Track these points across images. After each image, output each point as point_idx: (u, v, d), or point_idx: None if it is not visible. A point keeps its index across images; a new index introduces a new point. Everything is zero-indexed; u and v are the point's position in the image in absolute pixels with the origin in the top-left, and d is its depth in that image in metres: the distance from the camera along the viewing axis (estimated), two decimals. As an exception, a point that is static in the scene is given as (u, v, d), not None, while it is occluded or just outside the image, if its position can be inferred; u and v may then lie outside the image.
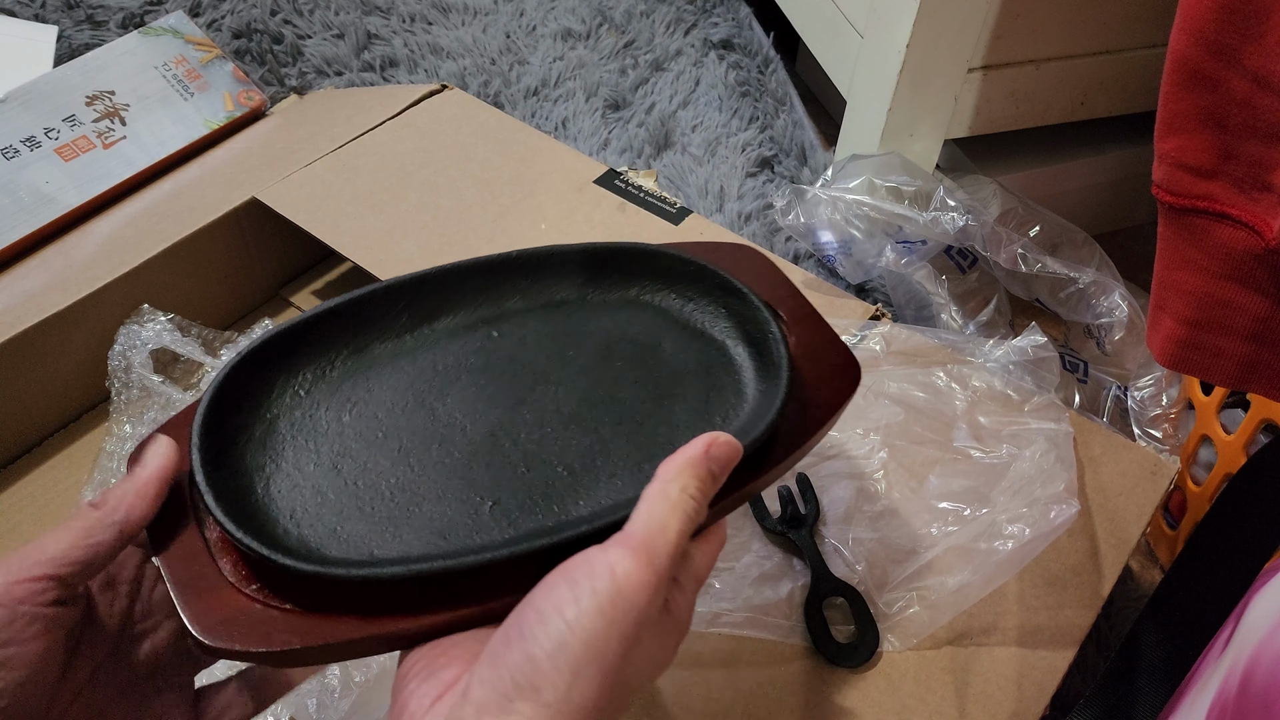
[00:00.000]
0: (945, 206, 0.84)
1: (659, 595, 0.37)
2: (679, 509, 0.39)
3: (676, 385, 0.49)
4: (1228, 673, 0.43)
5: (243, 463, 0.44)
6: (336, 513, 0.43)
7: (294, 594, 0.40)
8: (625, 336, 0.51)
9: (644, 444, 0.47)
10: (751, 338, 0.51)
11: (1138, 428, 0.81)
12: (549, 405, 0.48)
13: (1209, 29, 0.45)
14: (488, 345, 0.51)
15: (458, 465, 0.45)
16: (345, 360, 0.49)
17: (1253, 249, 0.47)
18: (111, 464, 0.68)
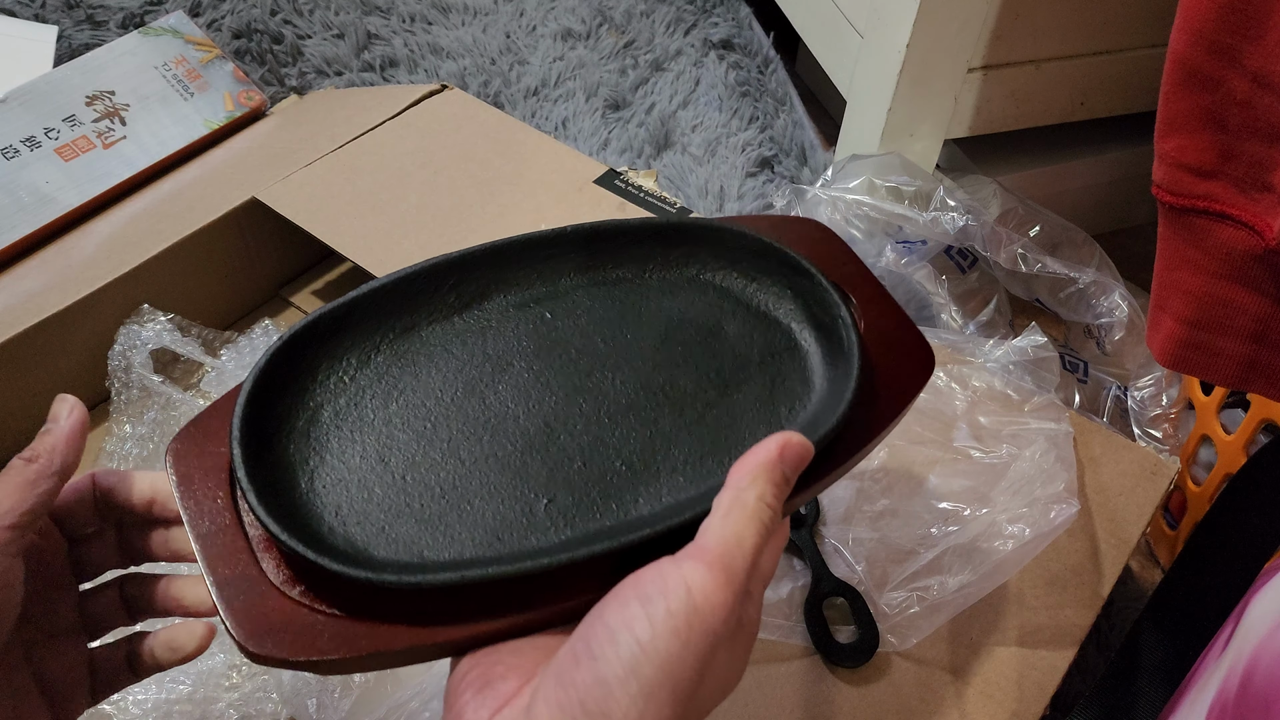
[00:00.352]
0: (945, 206, 0.84)
1: (735, 613, 0.35)
2: (756, 519, 0.37)
3: (740, 372, 0.47)
4: (1228, 673, 0.43)
5: (285, 456, 0.42)
6: (385, 510, 0.41)
7: (340, 598, 0.39)
8: (686, 318, 0.49)
9: (706, 437, 0.44)
10: (819, 321, 0.48)
11: (1138, 428, 0.81)
12: (606, 394, 0.46)
13: (1209, 29, 0.45)
14: (541, 328, 0.48)
15: (511, 459, 0.43)
16: (391, 344, 0.47)
17: (1253, 249, 0.47)
18: (111, 464, 0.68)
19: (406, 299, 0.48)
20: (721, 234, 0.50)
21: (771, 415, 0.45)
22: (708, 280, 0.50)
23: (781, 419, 0.45)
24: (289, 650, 0.37)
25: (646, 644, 0.34)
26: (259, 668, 0.59)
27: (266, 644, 0.37)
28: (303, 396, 0.44)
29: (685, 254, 0.51)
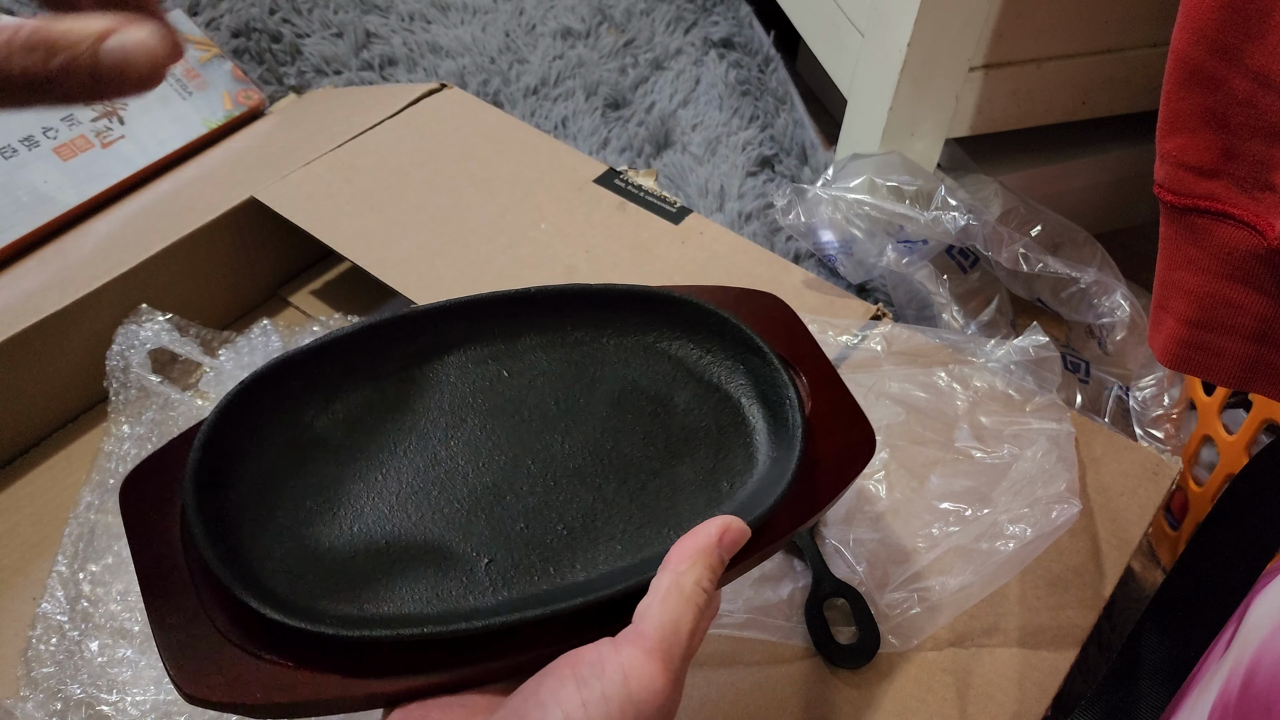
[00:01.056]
0: (946, 206, 0.84)
1: (671, 700, 0.36)
2: (692, 603, 0.37)
3: (686, 444, 0.48)
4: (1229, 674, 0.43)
5: (237, 498, 0.43)
6: (330, 561, 0.42)
7: (278, 645, 0.39)
8: (638, 385, 0.50)
9: (647, 506, 0.46)
10: (768, 399, 0.49)
11: (1139, 428, 0.81)
12: (555, 456, 0.47)
13: (1211, 28, 0.45)
14: (497, 385, 0.49)
15: (456, 516, 0.44)
16: (351, 394, 0.48)
17: (1255, 249, 0.47)
18: (110, 464, 0.68)
19: (373, 349, 0.48)
20: (680, 305, 0.51)
21: (713, 490, 0.46)
22: (663, 349, 0.51)
23: (722, 494, 0.46)
24: (223, 694, 0.38)
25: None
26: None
27: (201, 687, 0.38)
28: (261, 440, 0.45)
29: (643, 321, 0.52)
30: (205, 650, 0.39)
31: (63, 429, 0.74)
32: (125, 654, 0.59)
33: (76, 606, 0.61)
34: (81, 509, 0.66)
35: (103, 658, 0.59)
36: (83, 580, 0.63)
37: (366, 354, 0.48)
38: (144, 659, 0.59)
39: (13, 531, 0.67)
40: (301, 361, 0.46)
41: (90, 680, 0.58)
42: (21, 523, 0.67)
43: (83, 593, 0.62)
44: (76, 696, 0.57)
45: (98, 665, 0.59)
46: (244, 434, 0.44)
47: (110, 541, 0.64)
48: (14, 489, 0.70)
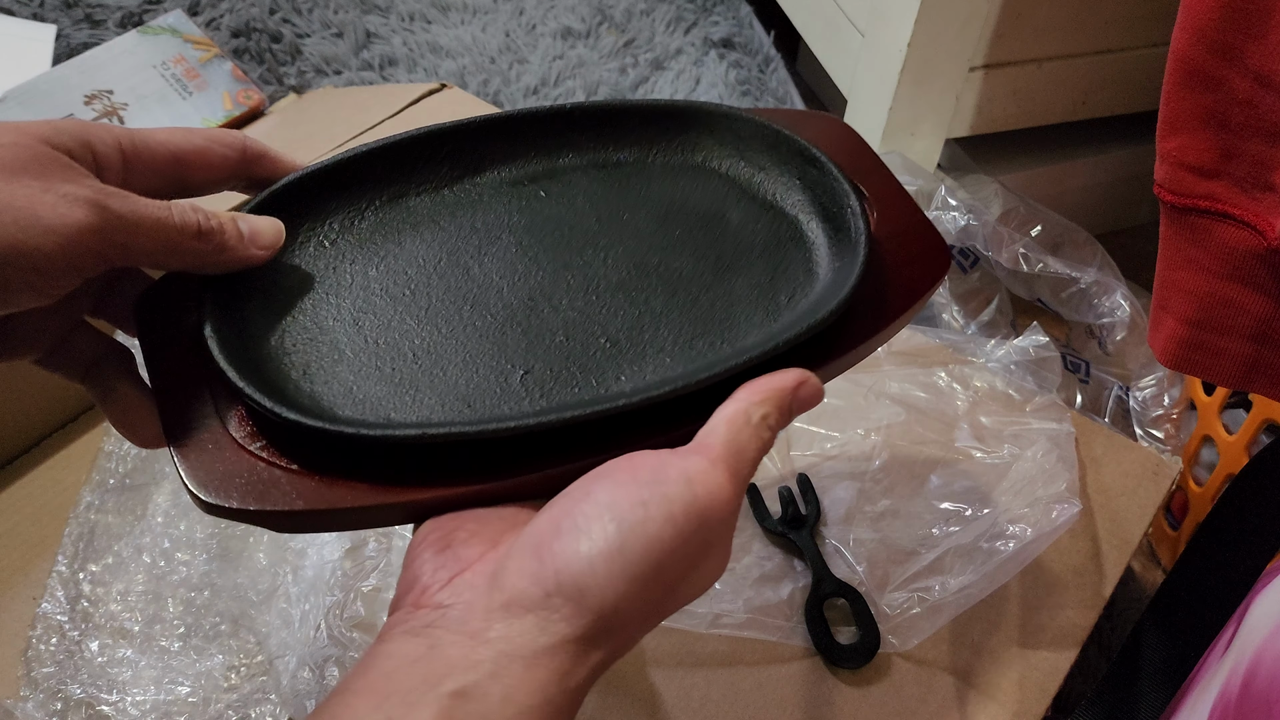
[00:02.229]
0: (947, 206, 0.84)
1: (735, 513, 0.35)
2: (758, 437, 0.36)
3: (740, 258, 0.44)
4: (1229, 674, 0.43)
5: (257, 311, 0.41)
6: (354, 371, 0.40)
7: (302, 455, 0.37)
8: (687, 204, 0.47)
9: (699, 319, 0.42)
10: (828, 212, 0.45)
11: (1140, 428, 0.81)
12: (596, 271, 0.44)
13: (1211, 28, 0.45)
14: (534, 204, 0.46)
15: (490, 329, 0.42)
16: (378, 210, 0.45)
17: (1255, 249, 0.47)
18: (110, 464, 0.68)
19: (398, 165, 0.46)
20: (732, 121, 0.48)
21: (770, 302, 0.43)
22: (714, 168, 0.48)
23: (780, 306, 0.43)
24: (242, 499, 0.36)
25: (638, 525, 0.32)
26: (258, 670, 0.59)
27: (219, 493, 0.36)
28: (281, 254, 0.42)
29: (692, 140, 0.49)
30: (224, 460, 0.37)
31: (63, 429, 0.74)
32: (125, 654, 0.59)
33: (77, 606, 0.61)
34: (82, 509, 0.66)
35: (103, 658, 0.59)
36: (83, 580, 0.63)
37: (392, 171, 0.46)
38: (144, 659, 0.59)
39: (13, 531, 0.67)
40: (325, 176, 0.45)
41: (90, 680, 0.58)
42: (22, 522, 0.67)
43: (83, 593, 0.62)
44: (76, 696, 0.57)
45: (98, 665, 0.59)
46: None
47: (110, 542, 0.64)
48: (14, 489, 0.70)
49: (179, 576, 0.63)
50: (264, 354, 0.40)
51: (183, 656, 0.59)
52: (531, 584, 0.32)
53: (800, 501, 0.65)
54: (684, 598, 0.35)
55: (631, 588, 0.32)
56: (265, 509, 0.36)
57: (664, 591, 0.33)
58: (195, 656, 0.59)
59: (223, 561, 0.63)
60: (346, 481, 0.37)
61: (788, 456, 0.69)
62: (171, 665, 0.59)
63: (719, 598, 0.60)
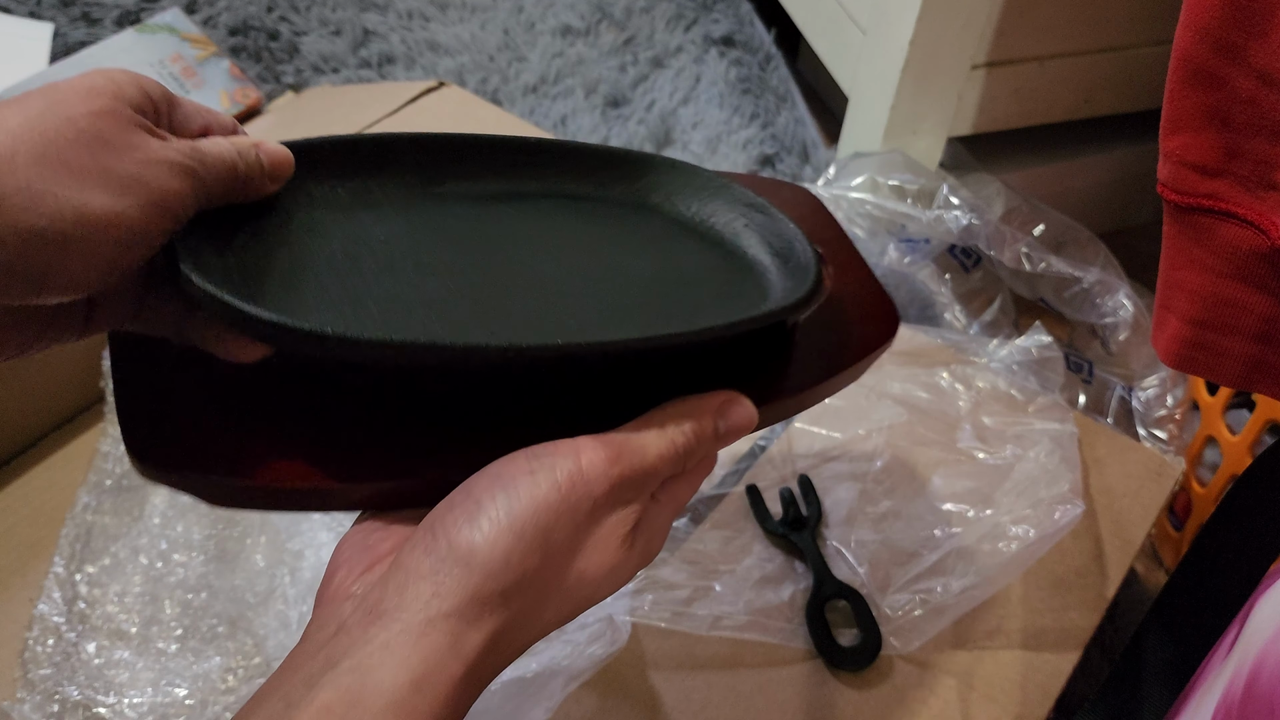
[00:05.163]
0: (949, 205, 0.84)
1: (620, 493, 0.36)
2: (666, 438, 0.38)
3: (699, 277, 0.47)
4: (1233, 675, 0.43)
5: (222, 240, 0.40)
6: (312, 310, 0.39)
7: (243, 429, 0.38)
8: (644, 234, 0.49)
9: (666, 312, 0.44)
10: (776, 250, 0.48)
11: (1143, 428, 0.80)
12: (564, 272, 0.45)
13: (1214, 26, 0.45)
14: (497, 217, 0.48)
15: (455, 299, 0.42)
16: (341, 196, 0.46)
17: (1258, 248, 0.46)
18: (107, 465, 0.68)
19: (365, 162, 0.47)
20: (685, 171, 0.51)
21: (730, 308, 0.44)
22: (667, 210, 0.51)
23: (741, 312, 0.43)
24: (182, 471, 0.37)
25: (525, 490, 0.34)
26: (255, 672, 0.58)
27: (161, 460, 0.37)
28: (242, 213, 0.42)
29: (649, 183, 0.51)
30: (172, 427, 0.38)
31: (59, 429, 0.74)
32: (122, 655, 0.59)
33: (73, 608, 0.61)
34: (79, 510, 0.66)
35: (100, 659, 0.59)
36: (80, 582, 0.62)
37: (359, 166, 0.47)
38: (141, 661, 0.59)
39: (10, 532, 0.67)
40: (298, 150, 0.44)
41: (87, 682, 0.58)
42: (18, 524, 0.67)
43: (80, 594, 0.62)
44: (74, 698, 0.57)
45: (95, 667, 0.58)
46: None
47: (107, 543, 0.64)
48: (11, 490, 0.69)
49: (176, 578, 0.62)
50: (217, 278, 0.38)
51: (180, 658, 0.59)
52: (425, 554, 0.33)
53: (801, 503, 0.65)
54: (584, 578, 0.36)
55: (519, 547, 0.33)
56: (204, 478, 0.37)
57: (557, 558, 0.35)
58: (192, 658, 0.59)
59: (220, 563, 0.63)
60: (286, 463, 0.38)
61: (789, 457, 0.68)
62: (169, 667, 0.59)
63: (719, 599, 0.60)
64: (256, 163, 0.40)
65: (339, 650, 0.32)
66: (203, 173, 0.37)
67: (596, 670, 0.56)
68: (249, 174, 0.40)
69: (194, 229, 0.39)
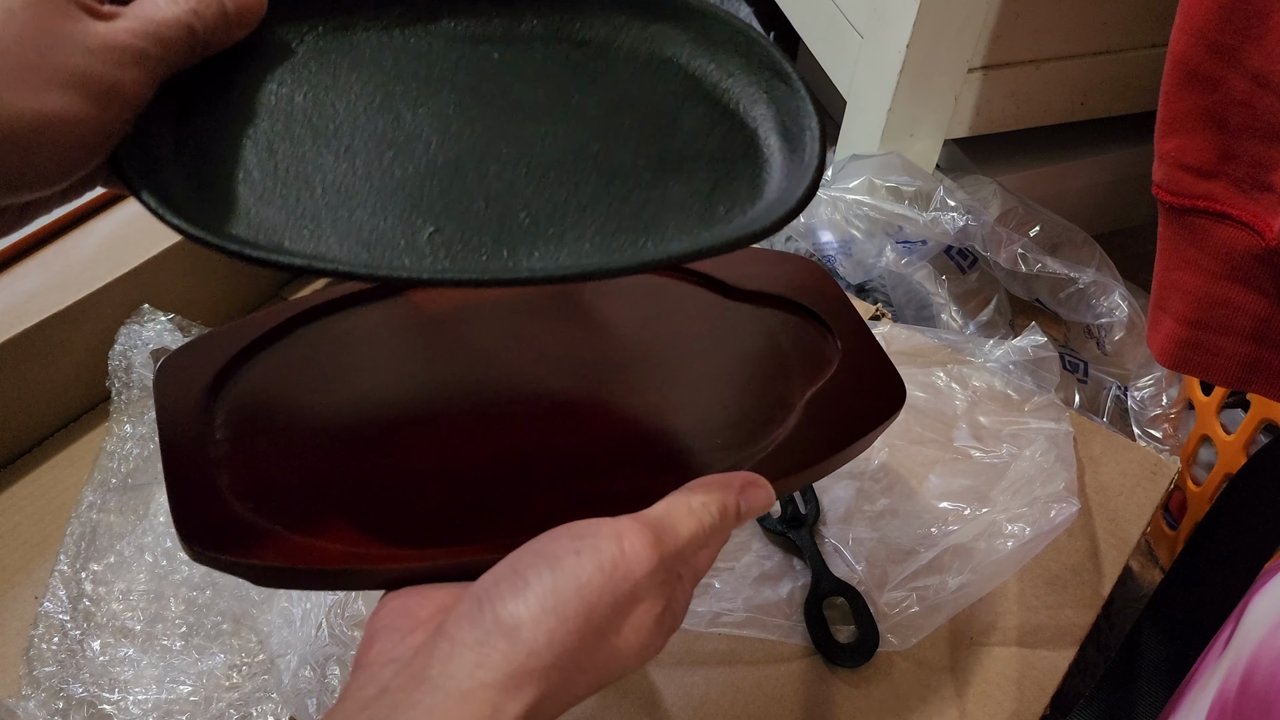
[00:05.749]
0: (945, 206, 0.84)
1: (658, 575, 0.37)
2: (696, 518, 0.39)
3: (686, 162, 0.42)
4: (1228, 673, 0.43)
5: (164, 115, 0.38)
6: (255, 195, 0.38)
7: (285, 514, 0.39)
8: (645, 96, 0.44)
9: (628, 214, 0.40)
10: (788, 131, 0.43)
11: (1138, 428, 0.81)
12: (532, 146, 0.41)
13: (1209, 29, 0.45)
14: (484, 65, 0.44)
15: (407, 181, 0.39)
16: (319, 37, 0.43)
17: (1253, 249, 0.47)
18: (112, 464, 0.68)
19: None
20: (709, 20, 0.46)
21: (707, 212, 0.41)
22: (681, 64, 0.46)
23: (717, 218, 0.41)
24: (230, 553, 0.38)
25: (570, 570, 0.35)
26: (259, 669, 0.59)
27: (209, 546, 0.38)
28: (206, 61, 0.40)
29: (664, 31, 0.46)
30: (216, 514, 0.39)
31: (65, 429, 0.74)
32: (127, 653, 0.59)
33: (78, 605, 0.61)
34: (84, 508, 0.66)
35: (104, 657, 0.59)
36: (85, 579, 0.63)
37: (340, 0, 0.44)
38: (145, 658, 0.59)
39: (15, 530, 0.67)
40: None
41: (92, 679, 0.58)
42: (24, 522, 0.67)
43: (85, 592, 0.62)
44: (78, 696, 0.57)
45: (99, 664, 0.59)
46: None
47: (112, 540, 0.64)
48: (16, 488, 0.70)
49: (181, 575, 0.63)
50: (161, 158, 0.38)
51: (184, 655, 0.59)
52: (471, 625, 0.34)
53: (799, 501, 0.65)
54: (623, 654, 0.37)
55: (562, 627, 0.34)
56: (248, 563, 0.38)
57: (595, 637, 0.36)
58: (197, 655, 0.59)
59: (224, 561, 0.63)
60: (325, 545, 0.39)
61: (787, 456, 0.69)
62: (173, 664, 0.59)
63: (718, 596, 0.61)
64: (219, 13, 0.38)
65: (383, 712, 0.33)
66: (156, 51, 0.35)
67: (597, 666, 0.56)
68: (210, 30, 0.38)
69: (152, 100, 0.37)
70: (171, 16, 0.36)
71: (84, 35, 0.34)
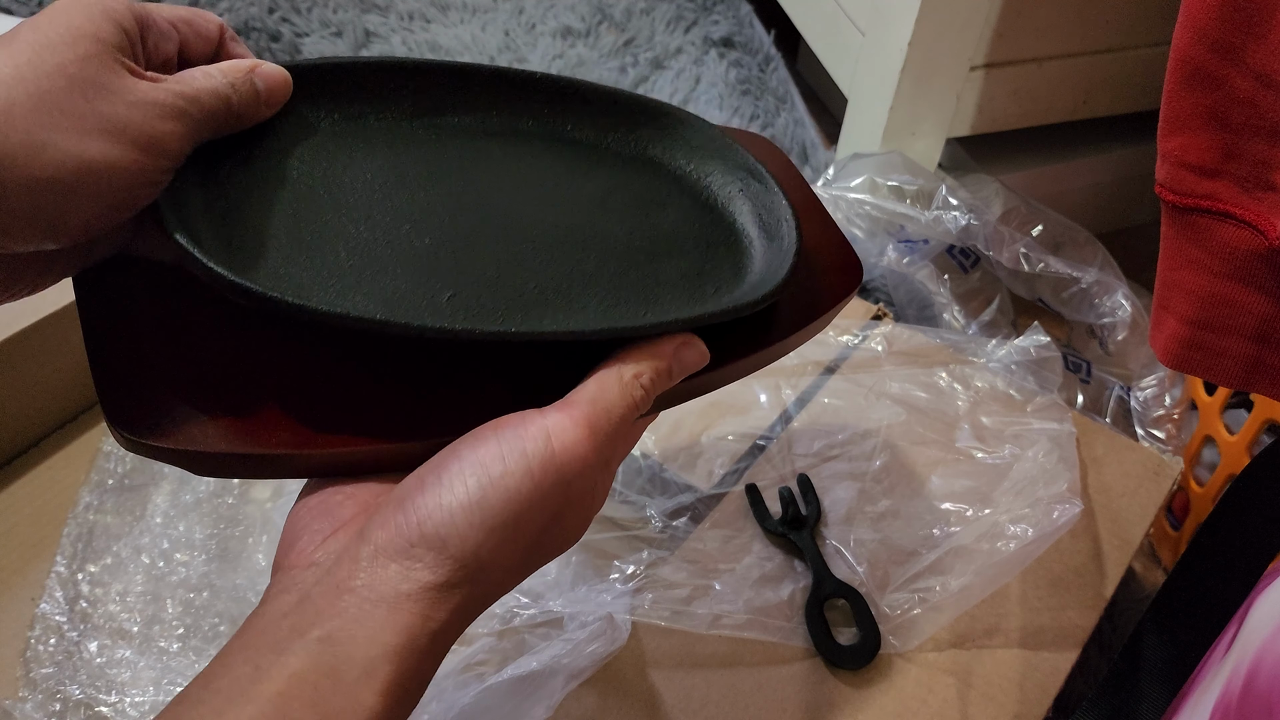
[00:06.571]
0: (947, 205, 0.84)
1: (593, 470, 0.36)
2: (628, 394, 0.38)
3: (675, 247, 0.46)
4: (1231, 674, 0.43)
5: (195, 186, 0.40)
6: (283, 257, 0.40)
7: (219, 398, 0.39)
8: (633, 190, 0.48)
9: (627, 288, 0.43)
10: (765, 224, 0.48)
11: (1141, 428, 0.80)
12: (536, 226, 0.45)
13: (1212, 27, 0.45)
14: (488, 156, 0.47)
15: (424, 250, 0.42)
16: (335, 123, 0.46)
17: (1256, 248, 0.47)
18: (109, 465, 0.68)
19: (362, 86, 0.47)
20: (684, 127, 0.50)
21: (696, 290, 0.45)
22: (664, 163, 0.50)
23: (706, 296, 0.44)
24: (165, 440, 0.37)
25: (497, 479, 0.34)
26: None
27: (144, 433, 0.37)
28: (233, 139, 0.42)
29: (647, 135, 0.51)
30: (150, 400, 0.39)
31: (62, 429, 0.74)
32: (124, 655, 0.59)
33: (75, 607, 0.61)
34: (80, 509, 0.66)
35: (102, 658, 0.59)
36: (81, 581, 0.63)
37: (352, 92, 0.46)
38: (143, 660, 0.59)
39: (11, 532, 0.67)
40: (295, 72, 0.44)
41: (89, 681, 0.58)
42: (20, 523, 0.67)
43: (81, 593, 0.62)
44: (75, 697, 0.57)
45: (96, 666, 0.59)
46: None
47: (109, 542, 0.64)
48: (13, 489, 0.70)
49: (178, 577, 0.63)
50: (192, 217, 0.39)
51: (182, 657, 0.59)
52: (395, 535, 0.34)
53: (800, 502, 0.65)
54: (549, 550, 0.37)
55: (491, 538, 0.34)
56: (184, 449, 0.37)
57: (525, 542, 0.35)
58: (194, 657, 0.59)
59: (222, 562, 0.63)
60: (266, 431, 0.38)
61: (788, 456, 0.68)
62: (170, 666, 0.59)
63: (719, 598, 0.60)
64: (251, 92, 0.40)
65: (306, 620, 0.33)
66: (194, 112, 0.37)
67: (597, 669, 0.56)
68: (243, 105, 0.40)
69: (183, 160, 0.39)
70: (210, 87, 0.38)
71: (129, 89, 0.35)
